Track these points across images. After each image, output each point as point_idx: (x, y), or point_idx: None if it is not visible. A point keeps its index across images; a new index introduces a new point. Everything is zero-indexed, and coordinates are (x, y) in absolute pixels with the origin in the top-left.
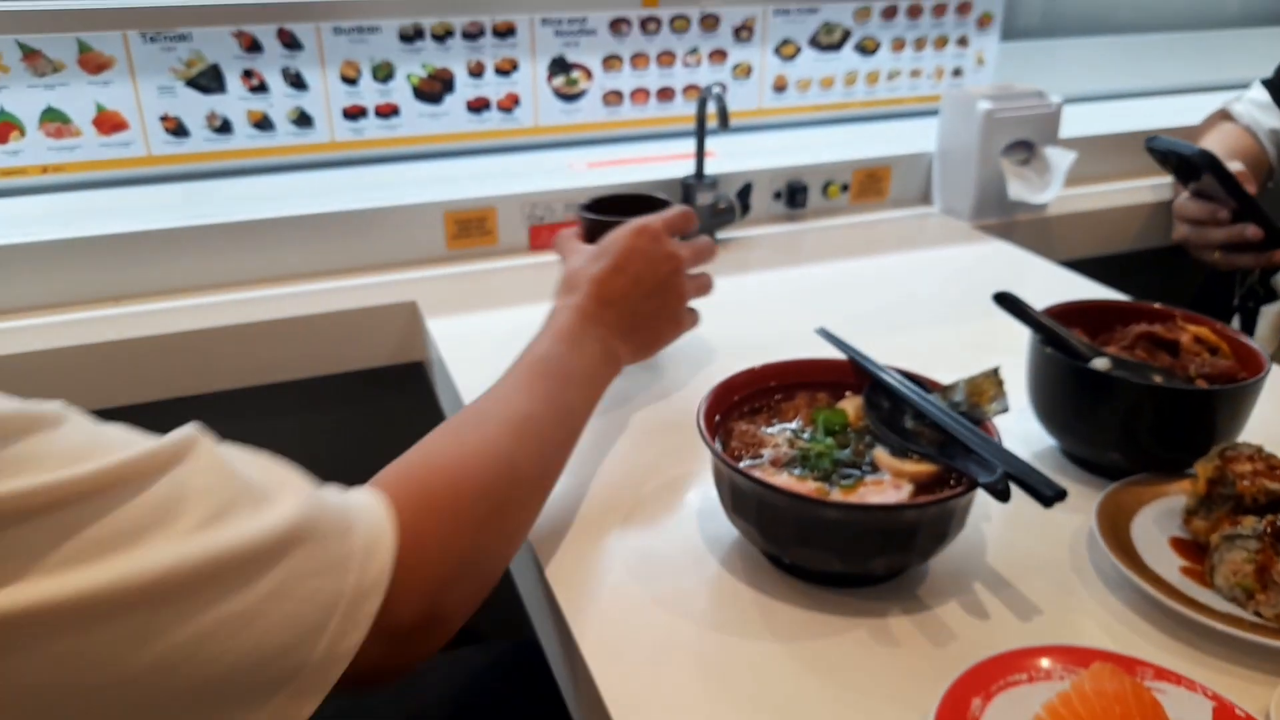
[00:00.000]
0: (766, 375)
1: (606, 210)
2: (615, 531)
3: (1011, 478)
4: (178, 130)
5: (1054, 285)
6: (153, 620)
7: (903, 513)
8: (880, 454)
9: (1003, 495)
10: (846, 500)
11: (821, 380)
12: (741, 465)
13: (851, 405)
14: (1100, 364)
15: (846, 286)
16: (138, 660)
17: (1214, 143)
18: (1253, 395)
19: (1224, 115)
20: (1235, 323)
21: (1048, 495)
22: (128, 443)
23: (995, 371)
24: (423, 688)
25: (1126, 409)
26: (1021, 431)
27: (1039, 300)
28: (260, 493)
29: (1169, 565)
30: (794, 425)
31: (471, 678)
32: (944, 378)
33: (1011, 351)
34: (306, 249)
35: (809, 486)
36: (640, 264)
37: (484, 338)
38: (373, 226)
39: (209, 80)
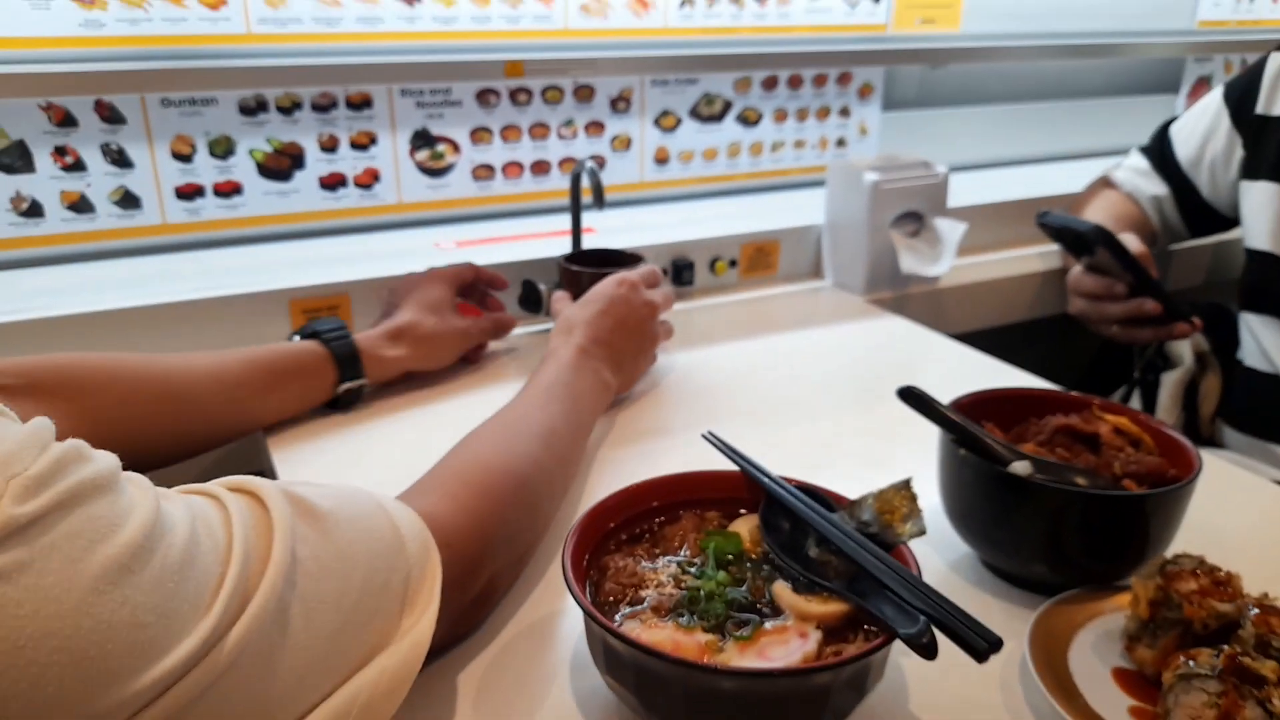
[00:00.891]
0: (646, 494)
1: (585, 264)
2: (464, 693)
3: (936, 623)
4: None
5: (953, 363)
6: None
7: (811, 677)
8: (781, 590)
9: (928, 651)
10: (744, 665)
11: (711, 497)
12: (618, 616)
13: (746, 526)
14: (1020, 468)
15: (738, 373)
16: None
17: (1099, 210)
18: (1187, 497)
19: (1106, 183)
20: (1135, 396)
21: (981, 649)
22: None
23: (907, 484)
24: None
25: (1050, 517)
26: (935, 538)
27: (940, 381)
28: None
29: (1115, 706)
30: (680, 556)
31: None
32: (848, 473)
33: (918, 440)
34: (128, 347)
35: (699, 641)
36: (624, 310)
37: (334, 453)
38: (206, 319)
39: (13, 158)
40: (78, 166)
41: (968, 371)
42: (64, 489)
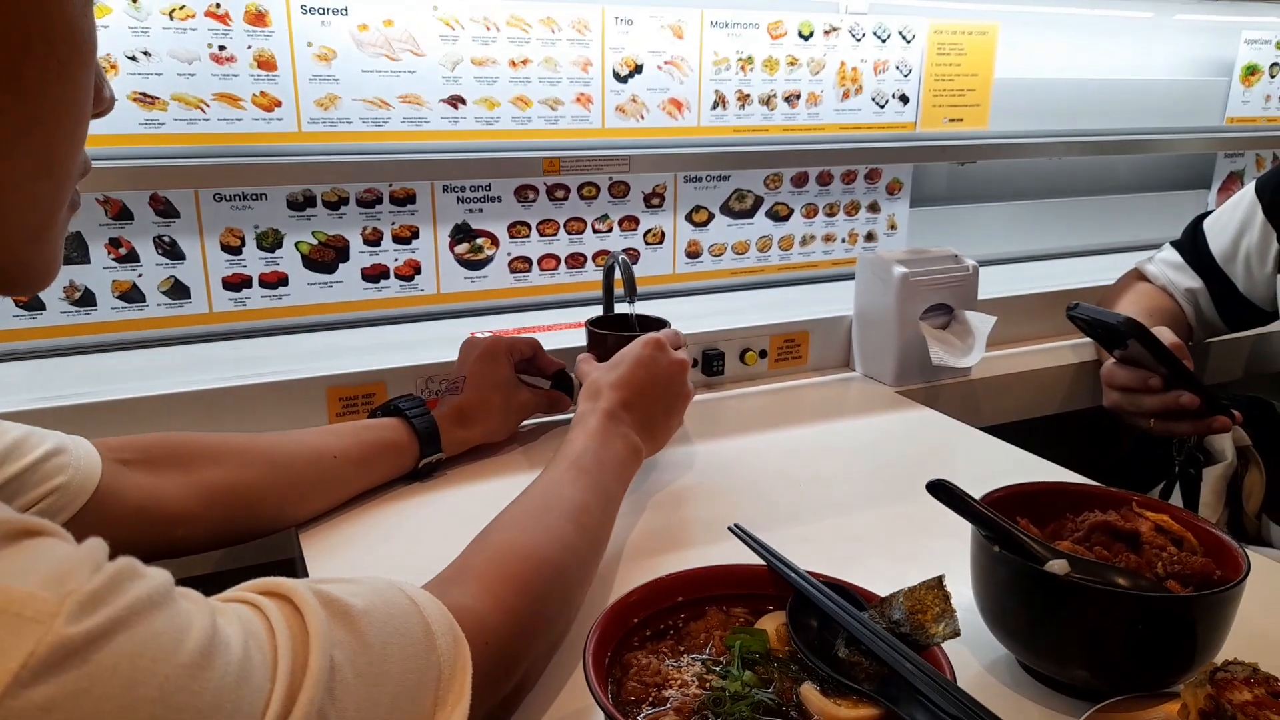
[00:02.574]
0: (670, 589)
1: (610, 328)
2: None
3: None
4: (31, 304)
5: (985, 456)
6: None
7: None
8: (809, 692)
9: None
10: None
11: (737, 592)
12: (641, 717)
13: (773, 623)
14: (1057, 567)
15: (766, 464)
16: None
17: (1132, 303)
18: (1236, 599)
19: (1138, 275)
20: (1176, 492)
21: None
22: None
23: (939, 582)
24: None
25: (1091, 620)
26: (969, 637)
27: (972, 474)
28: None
29: None
30: (705, 655)
31: None
32: (878, 569)
33: (950, 534)
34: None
35: None
36: (653, 370)
37: (359, 536)
38: (244, 405)
39: (70, 249)
40: (131, 258)
41: (1000, 465)
42: (122, 605)
